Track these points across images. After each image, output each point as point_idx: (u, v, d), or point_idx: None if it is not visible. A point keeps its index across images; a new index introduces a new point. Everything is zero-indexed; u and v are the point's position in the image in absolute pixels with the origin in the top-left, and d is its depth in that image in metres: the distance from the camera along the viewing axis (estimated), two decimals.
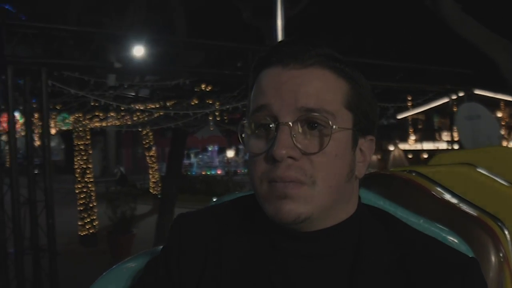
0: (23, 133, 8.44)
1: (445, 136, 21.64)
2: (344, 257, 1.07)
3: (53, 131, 21.79)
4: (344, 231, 1.08)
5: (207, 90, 12.48)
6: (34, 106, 8.19)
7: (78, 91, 9.38)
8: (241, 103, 11.56)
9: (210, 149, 32.62)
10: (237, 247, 1.10)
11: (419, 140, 25.22)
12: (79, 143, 16.47)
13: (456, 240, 1.37)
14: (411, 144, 23.46)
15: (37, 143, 9.12)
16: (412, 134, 23.84)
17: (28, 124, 7.14)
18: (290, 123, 1.01)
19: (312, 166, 1.01)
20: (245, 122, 1.08)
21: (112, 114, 14.83)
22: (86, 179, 15.77)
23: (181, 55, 12.94)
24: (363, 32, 22.75)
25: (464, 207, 1.88)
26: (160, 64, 11.26)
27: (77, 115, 14.36)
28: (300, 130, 1.02)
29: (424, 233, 1.15)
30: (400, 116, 20.85)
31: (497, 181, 2.27)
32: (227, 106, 12.59)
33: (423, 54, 19.07)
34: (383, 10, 22.27)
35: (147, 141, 22.01)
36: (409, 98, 16.72)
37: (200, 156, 33.98)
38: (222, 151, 33.28)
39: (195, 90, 11.99)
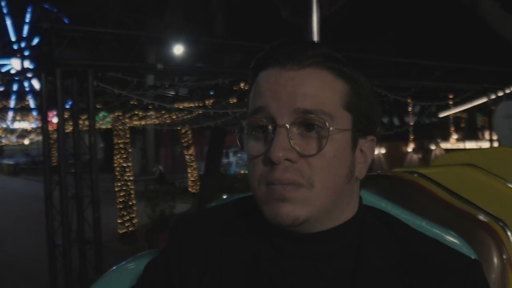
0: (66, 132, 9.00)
1: (488, 135, 21.56)
2: (346, 259, 1.07)
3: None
4: (345, 233, 1.08)
5: (246, 89, 12.86)
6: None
7: (121, 90, 9.91)
8: None
9: None
10: (237, 249, 1.10)
11: (461, 139, 25.03)
12: (118, 142, 16.88)
13: (458, 242, 1.37)
14: (453, 143, 23.38)
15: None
16: (454, 133, 23.76)
17: (75, 123, 7.69)
18: (287, 125, 1.02)
19: (310, 168, 1.02)
20: (243, 124, 1.09)
21: (151, 113, 15.35)
22: (125, 178, 16.17)
23: (219, 54, 13.39)
24: (400, 31, 22.84)
25: (466, 208, 1.90)
26: (199, 63, 11.71)
27: (117, 114, 14.85)
28: (298, 132, 1.03)
29: (426, 234, 1.15)
30: (442, 115, 20.83)
31: (499, 182, 2.28)
32: None
33: (461, 53, 19.06)
34: (421, 9, 22.32)
35: (186, 139, 22.43)
36: (450, 97, 16.84)
37: (239, 155, 34.25)
38: None
39: (234, 89, 12.38)
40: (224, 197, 1.47)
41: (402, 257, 1.07)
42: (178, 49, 14.20)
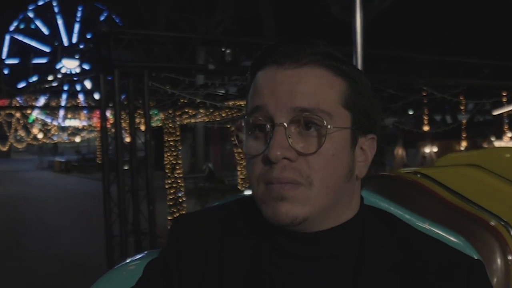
0: (113, 130, 9.71)
1: None
2: (347, 259, 1.08)
3: (142, 127, 23.23)
4: (346, 232, 1.09)
5: None
6: (125, 103, 9.40)
7: (173, 90, 10.59)
8: None
9: None
10: (238, 248, 1.11)
11: None
12: (169, 139, 17.39)
13: (461, 243, 1.37)
14: (507, 141, 23.23)
15: (127, 139, 10.32)
16: (508, 131, 23.60)
17: (131, 121, 8.42)
18: (285, 124, 1.02)
19: (308, 166, 1.03)
20: (242, 123, 1.10)
21: (201, 110, 15.94)
22: (175, 175, 16.62)
23: None
24: (448, 30, 22.89)
25: (469, 208, 1.92)
26: (248, 61, 12.25)
27: (167, 112, 15.47)
28: (296, 131, 1.04)
29: (428, 235, 1.16)
30: (496, 113, 20.81)
31: (503, 182, 2.29)
32: None
33: (509, 51, 19.07)
34: (467, 7, 22.33)
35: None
36: (504, 94, 16.91)
37: None
38: None
39: None
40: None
41: (404, 257, 1.07)
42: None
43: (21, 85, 40.55)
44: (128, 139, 10.14)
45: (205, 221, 1.16)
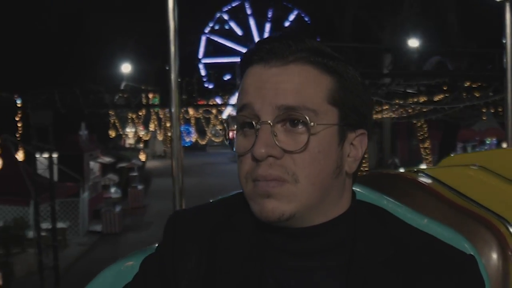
0: None
1: None
2: (339, 255, 1.11)
3: None
4: (337, 227, 1.12)
5: (473, 86, 14.68)
6: None
7: None
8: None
9: (488, 142, 32.38)
10: (231, 244, 1.14)
11: None
12: None
13: (459, 239, 1.38)
14: None
15: None
16: None
17: None
18: (270, 122, 1.05)
19: (294, 164, 1.05)
20: (230, 121, 1.14)
21: (386, 107, 17.47)
22: (361, 169, 18.40)
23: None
24: None
25: (469, 206, 1.94)
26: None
27: None
28: (282, 129, 1.07)
29: (421, 230, 1.19)
30: None
31: (503, 182, 2.34)
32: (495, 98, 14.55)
33: None
34: None
35: (421, 133, 23.80)
36: None
37: (477, 149, 34.18)
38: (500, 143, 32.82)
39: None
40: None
41: (396, 251, 1.10)
42: (413, 43, 16.30)
43: (217, 83, 44.18)
44: None
45: (200, 217, 1.19)
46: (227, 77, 46.85)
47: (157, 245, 1.24)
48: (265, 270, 1.11)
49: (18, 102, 16.61)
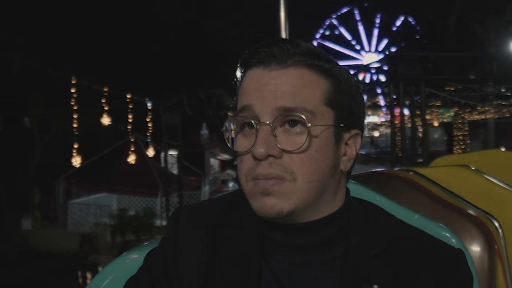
0: (409, 125, 12.40)
1: None
2: (334, 249, 1.11)
3: (435, 123, 25.14)
4: (332, 223, 1.12)
5: None
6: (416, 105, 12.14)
7: (447, 94, 13.04)
8: None
9: None
10: (231, 239, 1.15)
11: None
12: (457, 134, 19.02)
13: (448, 235, 1.39)
14: None
15: (420, 134, 12.80)
16: None
17: (413, 120, 11.03)
18: (270, 123, 1.05)
19: (293, 163, 1.06)
20: (230, 122, 1.14)
21: (489, 108, 17.52)
22: None
23: None
24: None
25: (458, 203, 1.96)
26: None
27: (456, 110, 17.40)
28: (281, 129, 1.07)
29: (411, 225, 1.19)
30: None
31: (492, 181, 2.37)
32: None
33: None
34: None
35: None
36: None
37: None
38: None
39: None
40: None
41: (388, 246, 1.11)
42: None
43: None
44: (420, 134, 12.63)
45: (201, 213, 1.19)
46: None
47: (160, 239, 1.24)
48: (263, 264, 1.12)
49: (149, 104, 17.91)
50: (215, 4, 23.14)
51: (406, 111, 11.95)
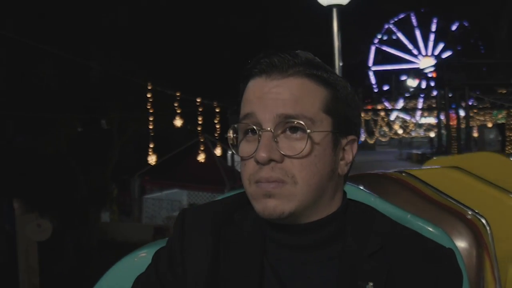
0: (462, 126, 13.02)
1: None
2: (331, 247, 1.13)
3: (489, 124, 25.04)
4: (329, 224, 1.14)
5: None
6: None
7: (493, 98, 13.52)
8: None
9: None
10: (234, 238, 1.17)
11: None
12: (510, 135, 19.13)
13: (439, 233, 1.41)
14: None
15: (475, 134, 13.46)
16: None
17: (458, 122, 11.61)
18: (272, 129, 1.08)
19: (293, 167, 1.08)
20: (234, 128, 1.16)
21: None
22: None
23: None
24: None
25: (448, 203, 2.01)
26: None
27: (506, 111, 17.68)
28: (283, 135, 1.09)
29: (404, 226, 1.20)
30: None
31: (480, 182, 2.41)
32: None
33: None
34: None
35: None
36: None
37: None
38: None
39: None
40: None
41: (382, 246, 1.12)
42: None
43: (385, 89, 45.00)
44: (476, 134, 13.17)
45: (205, 214, 1.22)
46: (388, 86, 47.85)
47: (167, 238, 1.25)
48: (265, 262, 1.14)
49: (217, 108, 18.82)
50: (279, 13, 23.67)
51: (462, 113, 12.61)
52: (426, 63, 44.98)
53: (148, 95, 15.80)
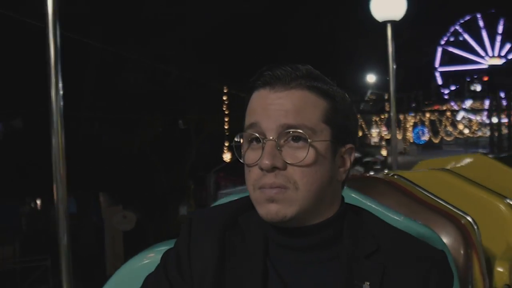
0: None
1: None
2: (330, 250, 1.16)
3: None
4: (328, 227, 1.17)
5: None
6: None
7: None
8: None
9: None
10: (239, 241, 1.20)
11: None
12: None
13: (430, 234, 1.43)
14: None
15: None
16: None
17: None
18: (275, 138, 1.11)
19: (295, 173, 1.11)
20: (240, 136, 1.18)
21: None
22: None
23: None
24: None
25: (438, 204, 2.04)
26: None
27: None
28: (285, 144, 1.12)
29: (397, 228, 1.23)
30: None
31: (468, 183, 2.42)
32: None
33: None
34: None
35: None
36: None
37: None
38: None
39: None
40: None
41: (378, 247, 1.15)
42: None
43: (452, 89, 44.55)
44: None
45: (211, 217, 1.24)
46: (455, 86, 47.27)
47: (175, 240, 1.27)
48: (268, 263, 1.17)
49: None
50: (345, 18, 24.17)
51: None
52: (493, 63, 44.32)
53: (224, 98, 16.82)
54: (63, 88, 3.04)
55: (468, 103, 41.02)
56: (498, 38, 46.66)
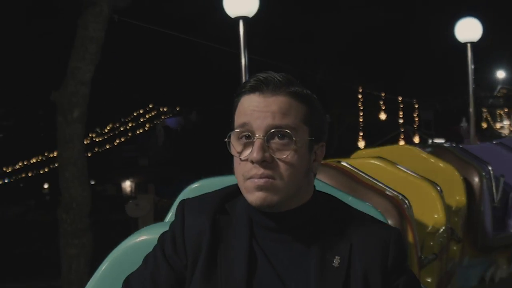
0: None
1: None
2: (306, 230, 1.28)
3: None
4: (304, 211, 1.29)
5: None
6: None
7: None
8: None
9: None
10: (227, 224, 1.30)
11: None
12: None
13: (374, 212, 1.56)
14: None
15: None
16: None
17: None
18: (263, 136, 1.22)
19: (281, 166, 1.23)
20: (232, 134, 1.27)
21: None
22: None
23: None
24: None
25: (378, 186, 2.22)
26: None
27: None
28: (272, 141, 1.23)
29: (360, 210, 1.36)
30: None
31: (401, 169, 2.69)
32: None
33: None
34: None
35: None
36: None
37: None
38: None
39: None
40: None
41: (344, 227, 1.28)
42: None
43: None
44: None
45: (203, 203, 1.34)
46: None
47: (170, 223, 1.35)
48: (253, 242, 1.28)
49: (416, 104, 22.29)
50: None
51: None
52: None
53: (359, 96, 19.72)
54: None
55: None
56: None
